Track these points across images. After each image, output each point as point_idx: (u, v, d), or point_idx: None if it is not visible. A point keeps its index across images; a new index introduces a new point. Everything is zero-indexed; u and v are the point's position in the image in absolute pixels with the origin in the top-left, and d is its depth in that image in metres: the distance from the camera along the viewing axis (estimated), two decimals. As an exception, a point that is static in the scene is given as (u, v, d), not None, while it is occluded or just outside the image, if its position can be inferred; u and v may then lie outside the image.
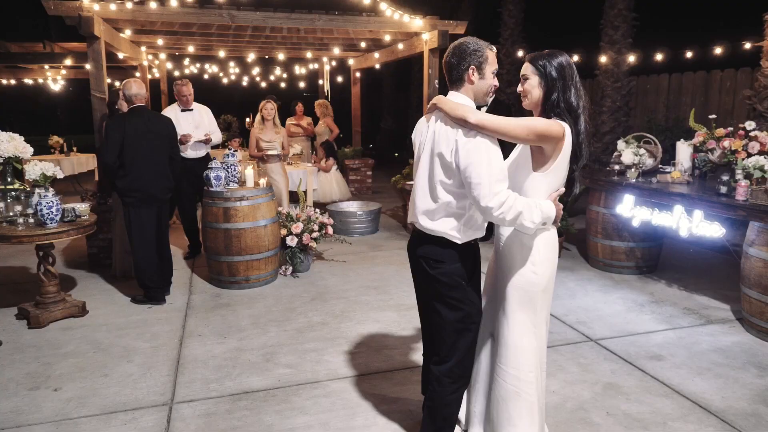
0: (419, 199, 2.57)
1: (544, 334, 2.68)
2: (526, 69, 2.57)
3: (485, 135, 2.36)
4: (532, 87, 2.53)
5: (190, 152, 6.27)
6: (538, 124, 2.41)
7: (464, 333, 2.58)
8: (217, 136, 6.57)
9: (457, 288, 2.53)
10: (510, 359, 2.61)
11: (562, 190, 2.57)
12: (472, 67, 2.45)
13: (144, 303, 4.99)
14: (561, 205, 2.53)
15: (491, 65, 2.49)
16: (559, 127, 2.44)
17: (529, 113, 2.62)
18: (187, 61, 13.04)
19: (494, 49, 2.54)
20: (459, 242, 2.51)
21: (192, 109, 6.36)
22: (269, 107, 6.64)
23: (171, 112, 6.29)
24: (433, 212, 2.51)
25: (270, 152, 6.58)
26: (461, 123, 2.37)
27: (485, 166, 2.31)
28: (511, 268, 2.60)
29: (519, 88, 2.61)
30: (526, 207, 2.35)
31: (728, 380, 3.58)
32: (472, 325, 2.60)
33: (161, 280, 5.08)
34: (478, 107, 2.52)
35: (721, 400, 3.34)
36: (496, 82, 2.54)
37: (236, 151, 6.02)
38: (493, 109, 2.91)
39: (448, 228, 2.50)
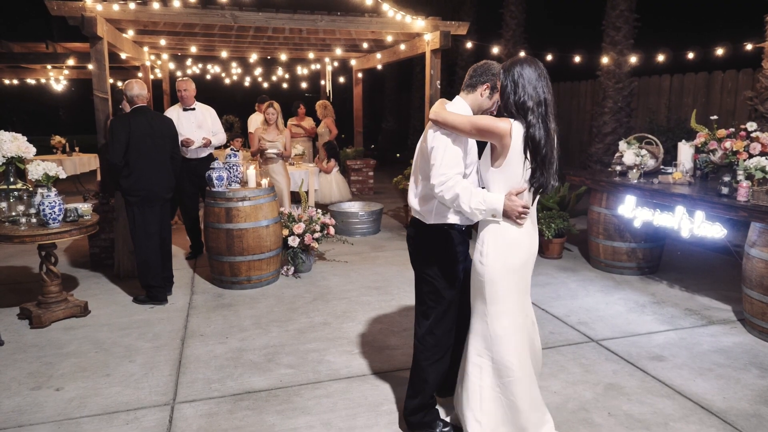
0: (410, 183, 2.99)
1: (502, 327, 2.73)
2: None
3: (448, 132, 2.71)
4: (500, 95, 2.77)
5: (191, 153, 6.27)
6: (480, 120, 2.67)
7: (435, 305, 2.93)
8: (220, 137, 6.57)
9: (429, 265, 2.91)
10: (468, 338, 2.87)
11: (524, 187, 2.66)
12: (488, 84, 2.80)
13: (146, 303, 5.01)
14: (520, 202, 2.63)
15: (497, 95, 2.78)
16: (505, 124, 2.62)
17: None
18: (189, 62, 13.06)
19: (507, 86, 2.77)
20: (427, 222, 2.87)
21: (194, 109, 6.37)
22: (271, 111, 6.63)
23: (173, 112, 6.31)
24: (416, 194, 2.92)
25: (269, 151, 6.57)
26: (431, 119, 2.74)
27: (440, 152, 2.69)
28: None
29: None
30: (464, 191, 2.62)
31: (730, 381, 3.58)
32: (441, 300, 2.92)
33: (163, 280, 5.09)
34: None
35: (722, 401, 3.34)
36: (494, 109, 2.85)
37: (238, 151, 6.03)
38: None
39: (423, 209, 2.88)
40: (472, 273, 2.81)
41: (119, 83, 14.21)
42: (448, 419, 3.10)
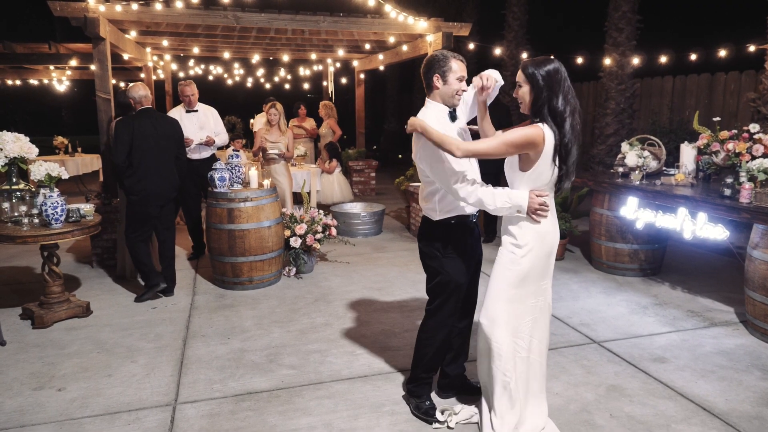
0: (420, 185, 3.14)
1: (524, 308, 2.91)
2: (519, 76, 2.76)
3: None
4: (524, 94, 2.74)
5: (194, 153, 6.28)
6: (512, 137, 2.65)
7: (440, 295, 3.12)
8: (223, 138, 6.58)
9: (434, 258, 3.09)
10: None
11: (547, 193, 2.78)
12: (437, 75, 2.92)
13: (146, 297, 5.05)
14: (539, 200, 2.74)
15: (455, 73, 2.90)
16: (537, 131, 2.63)
17: (528, 117, 2.81)
18: (191, 62, 13.07)
19: (462, 60, 2.95)
20: (434, 219, 3.05)
21: (197, 110, 6.38)
22: (273, 112, 6.63)
23: (176, 113, 6.32)
24: (422, 196, 3.12)
25: (271, 152, 6.57)
26: (447, 151, 2.70)
27: (441, 164, 2.86)
28: None
29: (514, 94, 2.80)
30: (486, 196, 2.77)
31: (732, 383, 3.57)
32: (444, 291, 3.09)
33: (160, 275, 5.16)
34: (453, 109, 2.99)
35: (724, 403, 3.33)
36: (461, 87, 2.92)
37: (240, 151, 6.04)
38: (492, 108, 3.05)
39: (426, 207, 3.09)
40: (504, 263, 2.87)
41: (122, 84, 14.25)
42: (434, 401, 3.28)
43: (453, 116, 3.02)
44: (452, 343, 3.33)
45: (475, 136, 3.06)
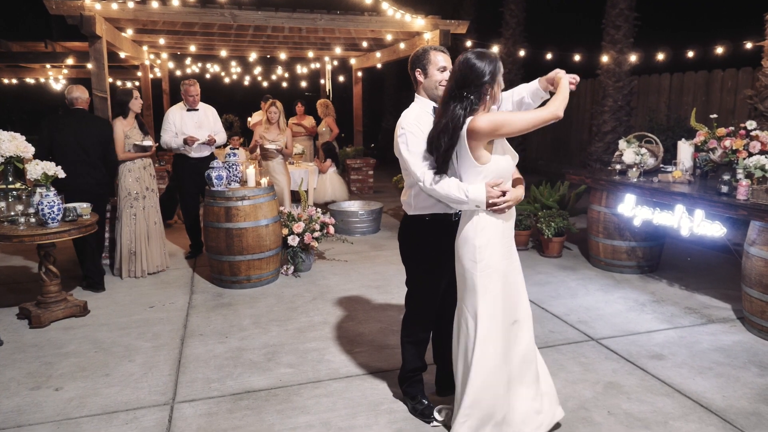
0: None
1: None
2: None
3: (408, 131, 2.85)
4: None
5: (193, 152, 6.27)
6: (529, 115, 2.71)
7: (412, 289, 3.19)
8: (221, 137, 6.56)
9: (406, 256, 3.15)
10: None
11: (500, 180, 2.71)
12: (418, 70, 2.96)
13: (88, 289, 5.29)
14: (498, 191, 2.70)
15: (435, 65, 2.92)
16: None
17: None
18: (188, 61, 13.07)
19: (444, 51, 2.98)
20: (409, 213, 3.06)
21: (198, 109, 6.36)
22: (273, 110, 6.61)
23: (176, 111, 6.30)
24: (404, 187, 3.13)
25: (268, 146, 6.55)
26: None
27: (406, 153, 2.87)
28: None
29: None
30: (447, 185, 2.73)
31: (729, 379, 3.58)
32: (414, 286, 3.16)
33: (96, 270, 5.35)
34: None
35: (722, 400, 3.34)
36: (443, 77, 2.89)
37: (237, 149, 6.03)
38: None
39: (404, 201, 3.09)
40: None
41: (119, 82, 14.23)
42: (432, 400, 3.27)
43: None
44: (444, 339, 3.30)
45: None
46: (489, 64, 2.61)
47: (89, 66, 6.22)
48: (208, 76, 15.14)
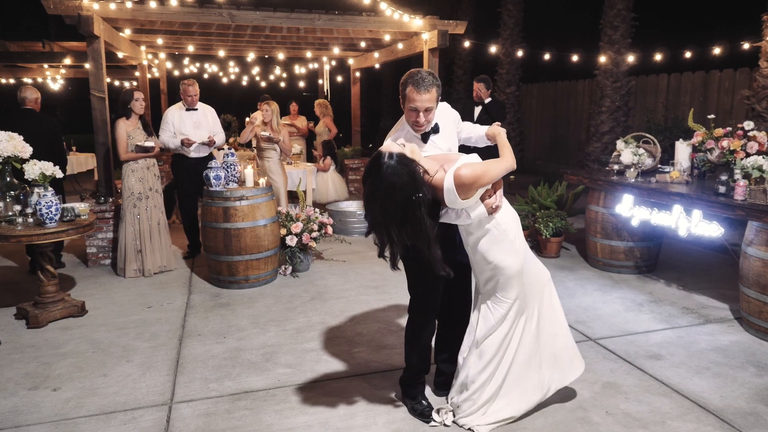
0: None
1: None
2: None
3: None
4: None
5: (192, 152, 6.26)
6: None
7: (415, 295, 3.16)
8: (220, 137, 6.55)
9: (404, 257, 3.02)
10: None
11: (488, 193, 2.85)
12: (401, 96, 2.87)
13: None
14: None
15: (409, 101, 2.79)
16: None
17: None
18: (186, 61, 13.05)
19: (425, 88, 2.75)
20: None
21: (197, 109, 6.35)
22: (265, 108, 6.58)
23: (175, 110, 6.29)
24: None
25: (262, 133, 6.49)
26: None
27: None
28: None
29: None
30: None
31: (727, 379, 3.58)
32: (415, 290, 3.14)
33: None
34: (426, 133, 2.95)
35: (719, 399, 3.34)
36: (416, 119, 2.82)
37: (235, 150, 6.01)
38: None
39: None
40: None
41: (116, 82, 14.21)
42: (431, 400, 3.30)
43: (425, 138, 2.98)
44: (447, 340, 3.34)
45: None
46: (404, 168, 2.59)
47: (87, 66, 6.21)
48: (206, 76, 15.11)
